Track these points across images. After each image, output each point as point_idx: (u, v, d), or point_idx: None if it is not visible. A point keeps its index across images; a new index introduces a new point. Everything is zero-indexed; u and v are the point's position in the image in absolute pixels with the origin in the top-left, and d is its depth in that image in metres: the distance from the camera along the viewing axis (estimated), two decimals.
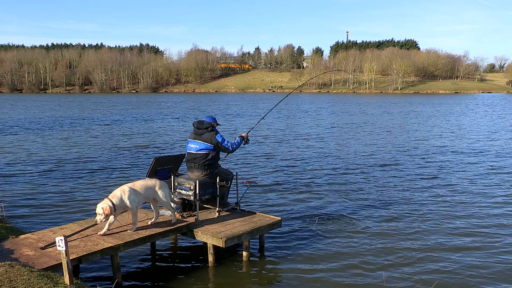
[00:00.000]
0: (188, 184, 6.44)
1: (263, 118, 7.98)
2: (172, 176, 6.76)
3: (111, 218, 5.70)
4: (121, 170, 12.80)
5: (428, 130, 24.51)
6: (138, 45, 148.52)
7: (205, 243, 6.18)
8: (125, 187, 5.81)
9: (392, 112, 38.92)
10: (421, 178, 11.78)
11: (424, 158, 15.03)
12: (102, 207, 5.49)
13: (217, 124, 6.82)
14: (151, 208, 6.44)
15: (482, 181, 11.53)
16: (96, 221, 5.57)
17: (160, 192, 6.07)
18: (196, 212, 6.53)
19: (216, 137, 6.45)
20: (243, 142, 6.82)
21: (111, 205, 5.54)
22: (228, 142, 6.50)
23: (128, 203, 5.73)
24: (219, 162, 6.80)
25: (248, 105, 53.79)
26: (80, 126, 26.58)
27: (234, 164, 13.63)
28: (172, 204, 6.45)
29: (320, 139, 20.43)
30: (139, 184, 5.97)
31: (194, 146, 6.53)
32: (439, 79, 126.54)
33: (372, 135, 22.06)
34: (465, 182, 11.32)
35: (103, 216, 5.48)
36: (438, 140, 19.79)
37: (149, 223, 6.18)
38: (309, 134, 22.56)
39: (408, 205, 9.22)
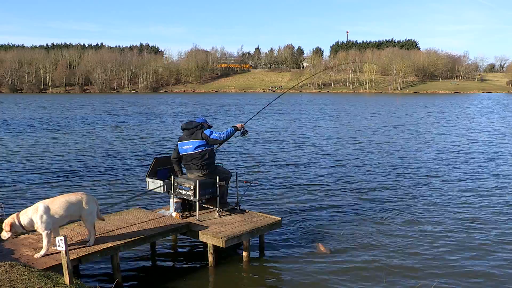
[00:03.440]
0: (188, 184, 6.44)
1: (263, 109, 8.19)
2: (172, 176, 6.76)
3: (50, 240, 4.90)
4: (122, 170, 12.79)
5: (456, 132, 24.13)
6: (138, 45, 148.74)
7: (205, 243, 6.18)
8: (39, 205, 4.96)
9: (413, 114, 37.91)
10: (421, 176, 11.80)
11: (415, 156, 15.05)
12: (5, 222, 4.89)
13: (209, 126, 6.78)
14: (150, 208, 6.38)
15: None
16: (2, 237, 4.98)
17: (85, 209, 5.19)
18: (196, 212, 6.53)
19: (204, 131, 6.53)
20: (239, 132, 6.79)
21: (14, 222, 4.86)
22: (215, 133, 6.54)
23: (38, 224, 4.87)
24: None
25: (261, 105, 53.55)
26: (81, 127, 26.57)
27: (235, 164, 13.62)
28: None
29: (323, 140, 20.41)
30: (59, 201, 5.05)
31: (189, 147, 6.54)
32: (439, 79, 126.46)
33: (387, 136, 22.04)
34: (471, 182, 11.33)
35: (8, 233, 4.89)
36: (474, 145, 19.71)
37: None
38: (313, 135, 22.55)
39: (411, 205, 9.21)
